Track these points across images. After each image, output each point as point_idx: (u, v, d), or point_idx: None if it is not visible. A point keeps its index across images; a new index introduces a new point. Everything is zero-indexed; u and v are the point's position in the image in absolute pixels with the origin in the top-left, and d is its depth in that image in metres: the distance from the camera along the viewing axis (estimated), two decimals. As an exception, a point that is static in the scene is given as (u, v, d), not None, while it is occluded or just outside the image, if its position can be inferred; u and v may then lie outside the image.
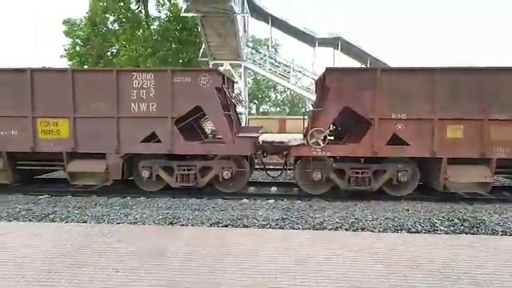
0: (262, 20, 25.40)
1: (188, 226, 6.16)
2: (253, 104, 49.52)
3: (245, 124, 17.67)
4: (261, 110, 53.76)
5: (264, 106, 55.19)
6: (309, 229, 5.99)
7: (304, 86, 26.40)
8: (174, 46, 27.92)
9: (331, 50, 26.96)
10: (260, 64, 25.08)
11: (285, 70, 25.71)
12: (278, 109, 54.82)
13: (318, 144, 8.10)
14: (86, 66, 27.29)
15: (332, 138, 9.62)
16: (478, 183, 8.04)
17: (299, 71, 26.92)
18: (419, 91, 7.87)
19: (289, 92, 46.84)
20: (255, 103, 52.01)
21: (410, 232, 5.95)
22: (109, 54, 29.73)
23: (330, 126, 8.90)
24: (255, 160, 9.96)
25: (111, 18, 29.13)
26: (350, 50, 26.22)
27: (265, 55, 25.83)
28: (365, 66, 25.35)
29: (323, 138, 8.11)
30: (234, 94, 9.90)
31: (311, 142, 8.10)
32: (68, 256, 4.52)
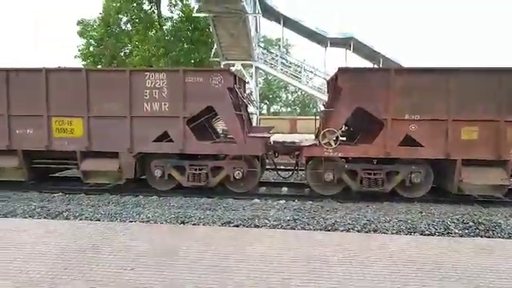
0: (274, 20, 25.37)
1: (199, 225, 6.19)
2: (264, 104, 49.50)
3: (256, 124, 17.67)
4: (272, 110, 53.73)
5: (275, 106, 55.15)
6: (320, 230, 5.96)
7: (315, 86, 26.33)
8: (186, 46, 28.08)
9: (343, 50, 26.84)
10: (271, 64, 25.05)
11: (296, 70, 25.65)
12: (289, 109, 54.71)
13: (330, 144, 8.06)
14: (99, 66, 27.62)
15: (344, 138, 9.55)
16: (493, 186, 7.91)
17: (310, 71, 26.83)
18: (433, 92, 7.77)
19: (300, 92, 46.75)
20: (266, 103, 52.00)
21: (423, 234, 5.87)
22: (122, 54, 30.06)
23: (342, 127, 8.84)
24: (266, 160, 9.95)
25: (124, 19, 29.45)
26: (362, 50, 26.03)
27: (276, 55, 25.79)
28: (377, 66, 25.13)
29: (335, 138, 8.06)
30: (245, 94, 9.91)
31: (323, 142, 8.06)
32: (82, 253, 4.58)
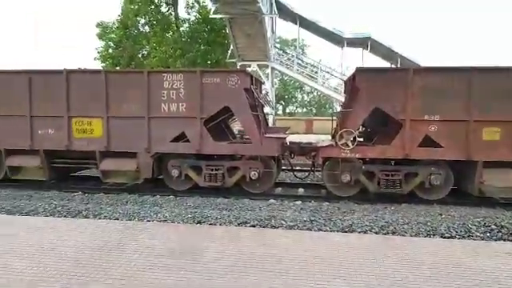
0: (290, 20, 25.29)
1: (216, 225, 6.21)
2: (279, 105, 49.42)
3: (272, 125, 17.65)
4: (287, 110, 53.58)
5: (291, 107, 54.99)
6: (337, 231, 5.90)
7: (331, 87, 26.11)
8: (202, 47, 28.28)
9: (360, 51, 26.57)
10: (287, 65, 24.99)
11: (312, 71, 25.50)
12: (305, 109, 54.46)
13: (347, 145, 7.98)
14: (118, 68, 28.07)
15: (361, 139, 9.45)
16: (516, 188, 7.69)
17: (327, 72, 26.64)
18: (454, 92, 7.61)
19: (316, 93, 46.49)
20: (282, 104, 51.88)
21: (443, 237, 5.75)
22: (140, 55, 30.47)
23: (359, 128, 8.75)
24: (282, 161, 9.92)
25: (142, 21, 29.85)
26: (379, 50, 25.70)
27: (292, 56, 25.71)
28: (395, 66, 24.77)
29: (353, 139, 7.98)
30: (261, 95, 9.92)
31: (340, 143, 7.99)
32: (102, 252, 4.65)
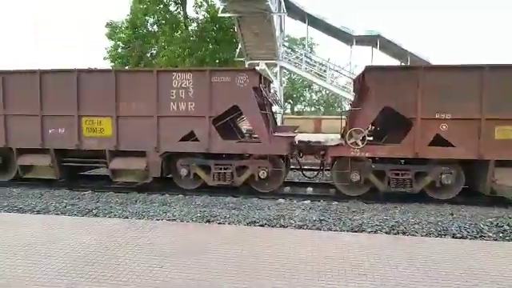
0: (299, 19, 25.19)
1: (225, 224, 6.21)
2: (287, 104, 49.25)
3: (280, 124, 17.61)
4: (295, 109, 53.41)
5: (299, 106, 54.79)
6: (347, 231, 5.86)
7: (340, 85, 25.96)
8: (211, 46, 28.32)
9: (369, 49, 26.37)
10: (296, 63, 24.90)
11: (320, 69, 25.38)
12: (313, 108, 54.23)
13: (357, 144, 7.92)
14: (127, 67, 28.24)
15: (371, 138, 9.38)
16: (529, 188, 7.56)
17: (335, 70, 26.50)
18: (465, 90, 7.51)
19: (324, 91, 46.24)
20: (290, 103, 51.70)
21: (454, 237, 5.67)
22: (149, 55, 30.64)
23: (369, 126, 8.68)
24: (291, 160, 9.89)
25: (151, 20, 29.99)
26: (389, 48, 25.48)
27: (301, 54, 25.61)
28: (405, 64, 24.52)
29: (362, 138, 7.92)
30: (270, 94, 9.89)
31: (349, 142, 7.94)
32: (112, 250, 4.68)
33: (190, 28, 29.47)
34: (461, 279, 3.94)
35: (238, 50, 24.52)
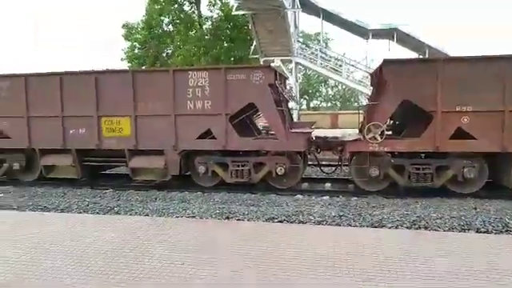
0: (313, 14, 24.99)
1: (244, 220, 6.23)
2: (303, 99, 48.99)
3: (297, 120, 17.53)
4: (311, 105, 53.09)
5: (315, 102, 54.45)
6: (367, 226, 5.80)
7: (356, 80, 25.65)
8: (225, 44, 28.41)
9: (385, 42, 25.98)
10: (311, 59, 24.72)
11: (336, 64, 25.13)
12: (329, 104, 53.80)
13: (375, 139, 7.82)
14: (143, 68, 28.59)
15: (390, 132, 9.25)
16: (556, 180, 7.33)
17: (351, 65, 26.19)
18: (487, 82, 7.33)
19: (340, 86, 45.82)
20: (305, 99, 51.44)
21: (478, 232, 5.55)
22: (164, 54, 30.95)
23: (387, 121, 8.56)
24: (308, 156, 9.84)
25: (166, 20, 30.26)
26: (406, 41, 25.00)
27: (316, 50, 25.40)
28: (423, 57, 24.04)
29: (381, 132, 7.82)
30: (286, 90, 9.85)
31: (368, 137, 7.84)
32: (135, 247, 4.75)
33: (204, 27, 29.62)
34: (484, 275, 3.85)
35: (252, 48, 24.51)
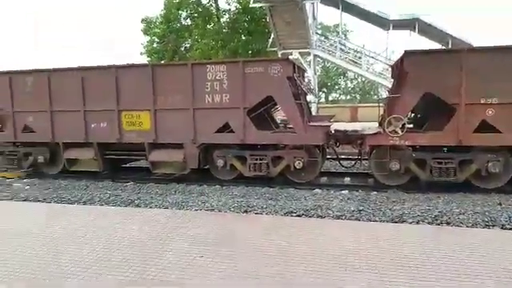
0: (332, 5, 24.60)
1: (262, 214, 6.24)
2: (322, 92, 48.49)
3: (315, 113, 17.39)
4: (330, 98, 52.52)
5: (334, 94, 53.82)
6: (387, 221, 5.72)
7: (376, 72, 25.19)
8: (243, 37, 28.34)
9: (406, 33, 25.33)
10: (330, 51, 24.39)
11: (355, 56, 24.73)
12: (349, 97, 53.08)
13: (396, 132, 7.68)
14: (162, 62, 28.85)
15: (411, 125, 9.07)
16: None
17: (371, 56, 25.73)
18: (514, 72, 7.05)
19: (360, 79, 45.11)
20: (324, 91, 50.89)
21: (503, 228, 5.40)
22: (183, 48, 31.12)
23: (408, 114, 8.39)
24: (327, 150, 9.76)
25: (184, 14, 30.38)
26: (428, 31, 24.34)
27: (334, 42, 25.04)
28: (446, 47, 23.38)
29: (401, 125, 7.67)
30: (304, 83, 9.77)
31: (388, 130, 7.71)
32: (154, 239, 4.82)
33: (222, 20, 29.60)
34: (510, 274, 3.74)
35: (270, 40, 24.35)
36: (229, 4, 29.62)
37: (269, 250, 4.39)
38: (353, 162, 9.60)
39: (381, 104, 9.51)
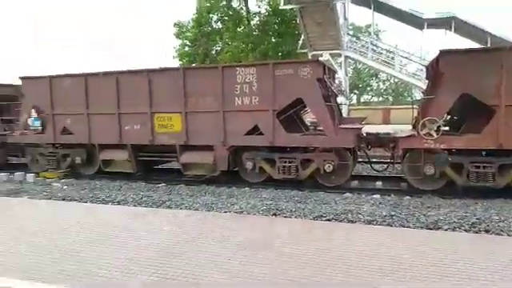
0: (363, 5, 24.20)
1: (291, 217, 6.19)
2: (353, 94, 47.67)
3: (346, 115, 17.11)
4: (362, 99, 51.53)
5: (365, 96, 52.78)
6: (421, 228, 5.52)
7: (410, 73, 24.48)
8: (273, 39, 28.37)
9: (441, 32, 24.48)
10: (361, 52, 23.95)
11: (388, 57, 24.14)
12: (381, 98, 51.87)
13: (431, 135, 7.42)
14: (193, 65, 29.34)
15: (447, 128, 8.73)
16: None
17: (405, 57, 25.03)
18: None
19: (393, 80, 44.02)
20: (356, 93, 50.02)
21: (549, 237, 5.08)
22: (213, 51, 31.52)
23: (444, 116, 8.08)
24: (358, 153, 9.57)
25: (215, 18, 30.79)
26: (465, 30, 23.40)
27: (366, 42, 24.56)
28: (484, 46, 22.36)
29: (437, 128, 7.39)
30: (335, 85, 9.63)
31: (422, 132, 7.45)
32: (186, 241, 4.88)
33: (252, 23, 29.76)
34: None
35: (300, 42, 24.24)
36: (259, 6, 29.77)
37: (298, 255, 4.33)
38: (385, 166, 9.36)
39: (415, 106, 9.22)
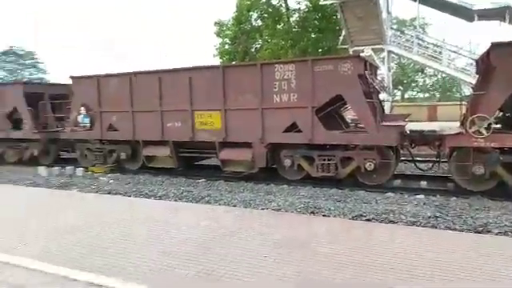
0: (408, -2, 23.24)
1: (330, 216, 6.09)
2: (397, 90, 46.04)
3: (389, 112, 16.57)
4: (406, 96, 49.63)
5: (410, 92, 50.76)
6: (469, 230, 5.23)
7: (458, 68, 23.22)
8: (313, 35, 28.00)
9: (493, 24, 22.99)
10: (406, 46, 23.02)
11: (435, 51, 23.00)
12: (427, 94, 49.67)
13: (481, 133, 7.00)
14: (233, 63, 29.63)
15: (498, 125, 8.20)
16: None
17: (453, 51, 23.76)
18: None
19: (440, 75, 42.00)
20: (400, 89, 48.27)
21: None
22: (253, 49, 31.66)
23: (495, 112, 7.60)
24: (401, 151, 9.23)
25: (254, 15, 30.89)
26: (521, 20, 21.83)
27: (411, 36, 23.57)
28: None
29: (487, 126, 6.97)
30: (377, 81, 9.34)
31: (471, 130, 7.06)
32: (222, 237, 4.94)
33: (291, 19, 29.54)
34: None
35: (341, 38, 23.72)
36: (298, 3, 29.47)
37: (337, 254, 4.25)
38: (430, 165, 8.96)
39: (463, 102, 8.75)
